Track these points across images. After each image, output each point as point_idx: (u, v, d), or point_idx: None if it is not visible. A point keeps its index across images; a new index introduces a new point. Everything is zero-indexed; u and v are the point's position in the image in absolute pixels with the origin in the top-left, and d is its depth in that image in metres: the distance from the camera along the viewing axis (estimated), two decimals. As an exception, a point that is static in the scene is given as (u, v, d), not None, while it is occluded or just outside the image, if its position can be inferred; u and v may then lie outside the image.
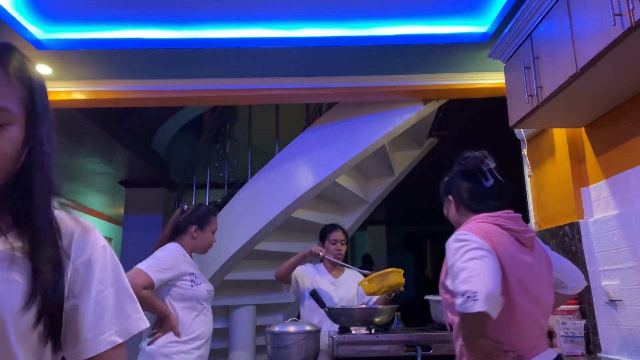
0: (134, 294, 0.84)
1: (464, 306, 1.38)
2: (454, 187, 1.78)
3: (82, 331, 0.75)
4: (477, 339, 1.48)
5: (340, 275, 2.92)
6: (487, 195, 1.70)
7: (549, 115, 2.21)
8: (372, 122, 3.83)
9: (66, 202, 0.83)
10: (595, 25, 1.67)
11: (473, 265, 1.43)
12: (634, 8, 1.47)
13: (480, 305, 1.34)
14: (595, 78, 1.83)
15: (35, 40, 2.66)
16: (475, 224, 1.59)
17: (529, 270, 1.55)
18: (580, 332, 2.22)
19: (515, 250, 1.55)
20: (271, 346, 2.16)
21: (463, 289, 1.39)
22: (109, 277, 0.80)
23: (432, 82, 3.18)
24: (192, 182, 5.27)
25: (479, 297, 1.35)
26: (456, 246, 1.51)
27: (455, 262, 1.48)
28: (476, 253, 1.46)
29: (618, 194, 2.17)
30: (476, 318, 1.38)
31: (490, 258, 1.46)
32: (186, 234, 2.38)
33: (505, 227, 1.58)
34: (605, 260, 2.22)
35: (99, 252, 0.80)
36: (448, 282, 1.56)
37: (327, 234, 2.96)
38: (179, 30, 2.70)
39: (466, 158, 1.76)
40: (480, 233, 1.53)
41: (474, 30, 2.71)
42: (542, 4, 2.02)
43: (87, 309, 0.76)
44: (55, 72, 2.96)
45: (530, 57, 2.14)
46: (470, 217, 1.68)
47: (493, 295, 1.38)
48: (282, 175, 3.93)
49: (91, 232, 0.81)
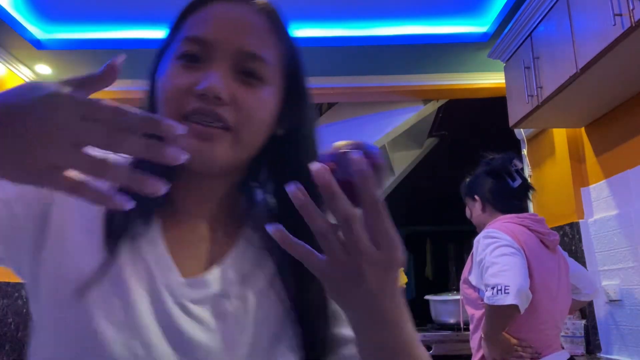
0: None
1: (494, 298, 1.43)
2: (480, 187, 1.82)
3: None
4: (500, 333, 1.52)
5: None
6: (513, 196, 1.76)
7: (549, 115, 2.21)
8: (372, 122, 3.83)
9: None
10: (595, 25, 1.67)
11: (504, 261, 1.48)
12: (634, 8, 1.47)
13: (512, 299, 1.40)
14: (595, 78, 1.83)
15: (35, 40, 2.66)
16: (503, 223, 1.64)
17: (551, 272, 1.61)
18: (580, 332, 2.22)
19: (540, 251, 1.61)
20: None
21: (494, 282, 1.44)
22: None
23: (432, 82, 3.18)
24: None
25: (510, 290, 1.40)
26: (486, 242, 1.56)
27: (485, 257, 1.52)
28: (506, 250, 1.51)
29: (618, 194, 2.17)
30: (505, 311, 1.43)
31: (519, 256, 1.50)
32: None
33: (531, 229, 1.63)
34: (605, 260, 2.22)
35: None
36: (472, 277, 1.62)
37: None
38: (179, 30, 2.70)
39: (493, 159, 1.82)
40: (510, 232, 1.57)
41: (474, 30, 2.71)
42: (542, 4, 2.02)
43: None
44: (55, 72, 2.96)
45: (530, 57, 2.14)
46: (496, 216, 1.72)
47: (524, 290, 1.43)
48: (282, 175, 3.93)
49: None
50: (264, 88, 0.55)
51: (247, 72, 0.54)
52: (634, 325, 2.04)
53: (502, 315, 1.46)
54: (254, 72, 0.55)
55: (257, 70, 0.55)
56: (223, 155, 0.53)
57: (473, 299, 1.62)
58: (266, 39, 0.57)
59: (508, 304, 1.40)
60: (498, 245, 1.52)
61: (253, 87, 0.54)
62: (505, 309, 1.43)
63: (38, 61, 2.82)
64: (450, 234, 8.75)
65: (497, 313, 1.47)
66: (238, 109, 0.53)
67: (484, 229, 1.66)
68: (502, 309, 1.43)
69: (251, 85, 0.54)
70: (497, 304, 1.42)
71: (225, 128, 0.52)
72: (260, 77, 0.55)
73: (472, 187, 1.85)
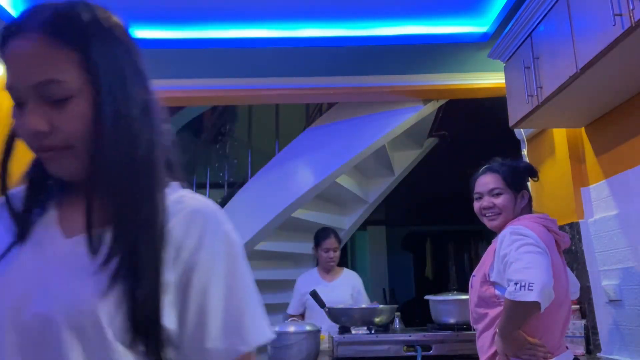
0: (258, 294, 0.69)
1: (517, 294, 1.42)
2: (526, 184, 1.82)
3: (201, 341, 0.62)
4: (517, 329, 1.52)
5: (335, 279, 2.93)
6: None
7: (549, 115, 2.21)
8: (372, 122, 3.83)
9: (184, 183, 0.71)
10: (595, 25, 1.67)
11: (529, 258, 1.47)
12: (634, 8, 1.47)
13: (535, 296, 1.39)
14: (595, 78, 1.83)
15: (35, 40, 2.66)
16: (528, 222, 1.64)
17: (563, 273, 1.63)
18: (580, 332, 2.22)
19: (555, 252, 1.62)
20: (271, 346, 2.16)
21: (518, 277, 1.44)
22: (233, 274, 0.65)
23: (432, 82, 3.18)
24: (192, 182, 5.27)
25: (535, 288, 1.40)
26: (513, 238, 1.55)
27: (511, 252, 1.52)
28: (533, 248, 1.50)
29: (618, 194, 2.17)
30: (527, 307, 1.43)
31: (545, 255, 1.51)
32: None
33: (550, 229, 1.65)
34: (605, 260, 2.22)
35: (222, 243, 0.65)
36: (492, 273, 1.61)
37: (320, 241, 2.98)
38: (179, 30, 2.70)
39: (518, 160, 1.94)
40: (537, 232, 1.58)
41: (474, 30, 2.71)
42: (542, 4, 2.02)
43: (207, 315, 0.62)
44: (55, 72, 2.96)
45: (530, 57, 2.14)
46: (520, 215, 1.73)
47: (548, 288, 1.43)
48: (282, 175, 3.93)
49: (213, 217, 0.67)
50: (72, 101, 0.62)
51: (51, 97, 0.61)
52: (634, 325, 2.04)
53: (523, 311, 1.47)
54: (57, 94, 0.61)
55: (57, 92, 0.61)
56: (72, 166, 0.64)
57: (488, 296, 1.62)
58: (56, 57, 0.61)
59: (531, 300, 1.40)
60: (525, 243, 1.51)
61: (63, 106, 0.61)
62: (526, 306, 1.42)
63: (38, 61, 2.82)
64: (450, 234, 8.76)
65: (517, 309, 1.46)
66: (60, 131, 0.62)
67: (509, 225, 1.66)
68: (523, 305, 1.43)
69: (60, 105, 0.62)
70: (519, 300, 1.42)
71: (64, 148, 0.62)
72: (65, 95, 0.61)
73: (523, 181, 1.82)
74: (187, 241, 0.63)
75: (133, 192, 0.62)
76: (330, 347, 2.27)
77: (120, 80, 0.65)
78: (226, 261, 0.65)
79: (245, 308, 0.65)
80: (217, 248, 0.65)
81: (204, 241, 0.64)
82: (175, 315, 0.62)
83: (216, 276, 0.63)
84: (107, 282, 0.58)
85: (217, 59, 2.88)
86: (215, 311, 0.62)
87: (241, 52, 2.79)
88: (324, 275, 2.96)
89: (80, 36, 0.63)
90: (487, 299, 1.63)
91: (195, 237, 0.64)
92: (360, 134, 3.82)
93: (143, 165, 0.64)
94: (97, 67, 0.63)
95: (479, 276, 1.69)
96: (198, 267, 0.63)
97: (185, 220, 0.64)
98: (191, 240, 0.63)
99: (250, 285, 0.67)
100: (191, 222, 0.64)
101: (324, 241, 2.95)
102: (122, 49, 0.67)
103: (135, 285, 0.58)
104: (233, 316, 0.64)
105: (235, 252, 0.67)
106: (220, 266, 0.64)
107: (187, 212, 0.65)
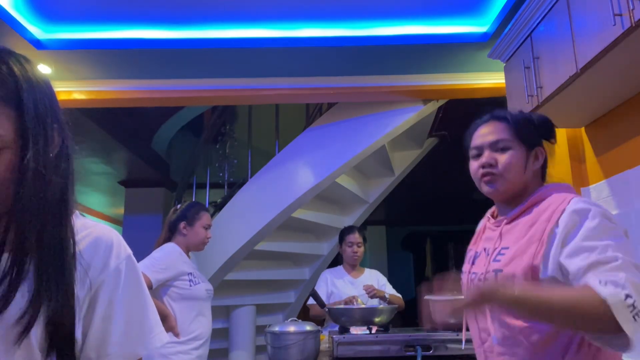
0: (154, 305, 0.83)
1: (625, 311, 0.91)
2: (541, 141, 1.34)
3: (105, 346, 0.74)
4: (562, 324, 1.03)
5: (360, 276, 2.99)
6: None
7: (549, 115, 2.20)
8: (372, 122, 3.83)
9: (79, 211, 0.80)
10: (595, 25, 1.67)
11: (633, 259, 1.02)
12: (634, 8, 1.47)
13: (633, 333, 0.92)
14: (595, 78, 1.83)
15: (35, 40, 2.66)
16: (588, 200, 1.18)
17: None
18: (580, 332, 2.21)
19: None
20: (271, 346, 2.16)
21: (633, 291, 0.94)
22: (134, 289, 0.79)
23: (432, 82, 3.18)
24: (192, 182, 5.27)
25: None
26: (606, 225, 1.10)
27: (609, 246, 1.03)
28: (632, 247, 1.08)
29: (618, 194, 2.17)
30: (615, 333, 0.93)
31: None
32: (178, 232, 2.37)
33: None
34: (605, 260, 2.22)
35: (124, 263, 0.78)
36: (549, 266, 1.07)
37: (344, 236, 3.05)
38: (179, 30, 2.70)
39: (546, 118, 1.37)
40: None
41: (474, 30, 2.71)
42: (542, 4, 2.02)
43: (111, 324, 0.75)
44: (55, 72, 2.97)
45: (530, 57, 2.14)
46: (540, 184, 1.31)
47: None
48: (282, 175, 3.93)
49: (115, 241, 0.79)
50: (6, 151, 0.68)
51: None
52: (634, 325, 2.04)
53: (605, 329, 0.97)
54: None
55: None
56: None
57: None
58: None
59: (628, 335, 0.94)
60: (622, 235, 1.10)
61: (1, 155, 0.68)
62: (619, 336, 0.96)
63: (38, 61, 2.82)
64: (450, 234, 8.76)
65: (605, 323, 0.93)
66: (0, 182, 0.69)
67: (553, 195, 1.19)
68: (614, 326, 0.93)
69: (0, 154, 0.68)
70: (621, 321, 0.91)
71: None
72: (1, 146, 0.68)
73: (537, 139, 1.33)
74: (94, 262, 0.75)
75: (47, 222, 0.71)
76: (330, 347, 2.27)
77: (43, 132, 0.72)
78: (128, 279, 0.78)
79: (144, 317, 0.79)
80: (121, 268, 0.77)
81: (109, 262, 0.76)
82: (82, 326, 0.73)
83: (120, 291, 0.76)
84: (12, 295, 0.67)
85: (217, 59, 2.88)
86: (118, 321, 0.75)
87: (241, 52, 2.79)
88: (349, 271, 3.00)
89: (14, 92, 0.69)
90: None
91: (101, 259, 0.76)
92: (360, 134, 3.82)
93: (56, 200, 0.73)
94: (26, 123, 0.70)
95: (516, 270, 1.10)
96: (104, 284, 0.75)
97: (93, 245, 0.76)
98: (98, 261, 0.75)
99: (147, 298, 0.81)
100: (97, 246, 0.76)
101: (347, 236, 3.01)
102: (46, 100, 0.74)
103: (50, 301, 0.68)
104: (134, 324, 0.77)
105: (136, 272, 0.80)
106: (122, 283, 0.77)
107: (94, 237, 0.77)
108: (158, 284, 2.17)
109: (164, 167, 5.98)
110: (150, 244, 2.41)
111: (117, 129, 4.64)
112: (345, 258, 3.05)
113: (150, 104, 3.35)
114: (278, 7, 2.55)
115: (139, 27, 2.67)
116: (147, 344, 0.78)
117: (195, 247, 2.40)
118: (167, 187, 5.96)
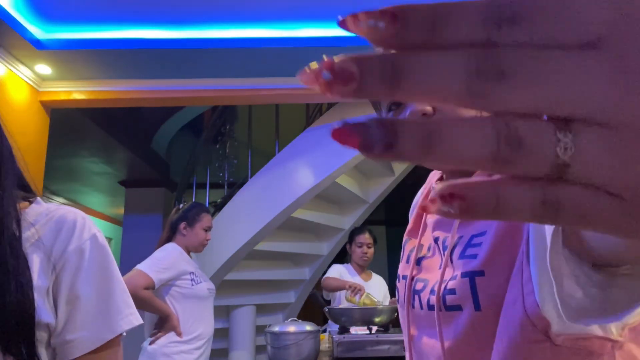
0: (126, 287, 0.79)
1: None
2: None
3: (68, 331, 0.70)
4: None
5: (369, 280, 3.01)
6: None
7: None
8: (372, 122, 3.83)
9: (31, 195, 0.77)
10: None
11: None
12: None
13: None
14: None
15: (35, 40, 2.66)
16: None
17: None
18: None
19: None
20: (271, 346, 2.16)
21: None
22: (99, 270, 0.74)
23: (432, 82, 3.18)
24: (192, 182, 5.27)
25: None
26: None
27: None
28: None
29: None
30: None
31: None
32: (179, 232, 2.38)
33: None
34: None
35: (87, 243, 0.73)
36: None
37: (354, 236, 3.05)
38: (178, 30, 2.70)
39: None
40: None
41: (474, 30, 2.72)
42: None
43: (75, 308, 0.70)
44: (55, 72, 2.97)
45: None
46: None
47: None
48: (282, 175, 3.94)
49: (78, 222, 0.74)
50: None
51: None
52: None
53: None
54: None
55: None
56: None
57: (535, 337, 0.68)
58: None
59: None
60: None
61: None
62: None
63: (38, 61, 2.82)
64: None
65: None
66: None
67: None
68: None
69: None
70: None
71: None
72: None
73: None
74: (56, 246, 0.71)
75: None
76: (330, 347, 2.27)
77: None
78: (92, 260, 0.73)
79: (111, 299, 0.74)
80: (84, 248, 0.72)
81: (70, 243, 0.72)
82: (53, 313, 0.69)
83: (83, 273, 0.71)
84: None
85: (217, 59, 2.88)
86: (82, 304, 0.71)
87: (241, 52, 2.80)
88: (359, 272, 3.00)
89: None
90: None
91: (63, 240, 0.72)
92: (360, 134, 3.82)
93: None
94: None
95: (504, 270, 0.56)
96: (66, 266, 0.71)
97: (54, 228, 0.72)
98: (60, 244, 0.71)
99: (115, 279, 0.76)
100: (59, 229, 0.72)
101: (358, 236, 3.01)
102: None
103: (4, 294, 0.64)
104: (100, 307, 0.72)
105: (101, 252, 0.75)
106: (87, 264, 0.72)
107: (54, 220, 0.73)
108: (160, 284, 2.17)
109: (164, 167, 5.98)
110: (150, 244, 2.41)
111: (117, 129, 4.64)
112: (354, 258, 3.04)
113: (150, 104, 3.35)
114: (278, 7, 2.55)
115: (139, 27, 2.68)
116: (114, 327, 0.73)
117: (194, 249, 2.40)
118: (167, 187, 5.97)
